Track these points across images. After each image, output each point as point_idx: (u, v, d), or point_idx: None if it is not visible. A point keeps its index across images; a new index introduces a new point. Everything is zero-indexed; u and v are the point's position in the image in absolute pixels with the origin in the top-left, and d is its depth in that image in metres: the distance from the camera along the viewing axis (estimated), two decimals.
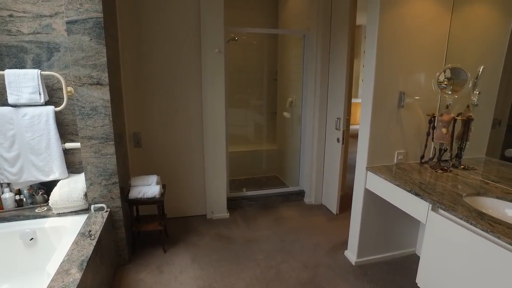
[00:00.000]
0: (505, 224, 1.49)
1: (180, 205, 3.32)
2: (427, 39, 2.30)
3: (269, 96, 4.65)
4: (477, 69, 2.22)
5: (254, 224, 3.24)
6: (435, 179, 2.13)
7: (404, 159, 2.44)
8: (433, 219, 1.80)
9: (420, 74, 2.34)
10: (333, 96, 3.31)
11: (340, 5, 3.12)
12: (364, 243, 2.56)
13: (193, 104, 3.13)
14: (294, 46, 3.91)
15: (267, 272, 2.47)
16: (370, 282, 2.37)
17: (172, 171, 3.20)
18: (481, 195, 1.89)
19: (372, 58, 2.22)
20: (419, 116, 2.41)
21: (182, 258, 2.63)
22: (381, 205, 2.47)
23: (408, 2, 2.19)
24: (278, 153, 4.54)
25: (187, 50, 3.00)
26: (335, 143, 3.31)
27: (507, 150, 2.35)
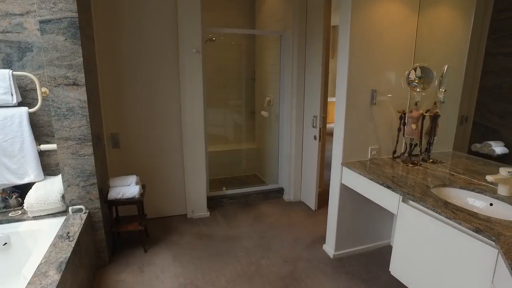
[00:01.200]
0: (466, 211, 1.61)
1: (160, 205, 3.31)
2: (397, 40, 2.41)
3: (248, 96, 4.70)
4: (442, 68, 2.36)
5: (234, 222, 3.28)
6: (406, 173, 2.24)
7: (377, 154, 2.55)
8: (403, 210, 1.91)
9: (390, 72, 2.45)
10: (310, 95, 3.40)
11: (314, 6, 3.20)
12: (341, 237, 2.65)
13: (171, 104, 3.13)
14: (271, 46, 3.98)
15: (248, 268, 2.52)
16: (347, 274, 2.46)
17: (152, 171, 3.19)
18: (447, 186, 2.01)
19: (345, 57, 2.31)
20: (390, 113, 2.52)
21: (163, 257, 2.64)
22: (357, 200, 2.57)
23: (377, 4, 2.29)
24: (257, 152, 4.60)
25: (165, 50, 3.00)
26: (312, 141, 3.39)
27: (473, 145, 2.51)
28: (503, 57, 2.30)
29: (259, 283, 2.34)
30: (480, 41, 2.43)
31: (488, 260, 1.39)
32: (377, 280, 2.40)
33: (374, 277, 2.43)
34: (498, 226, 1.46)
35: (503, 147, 2.31)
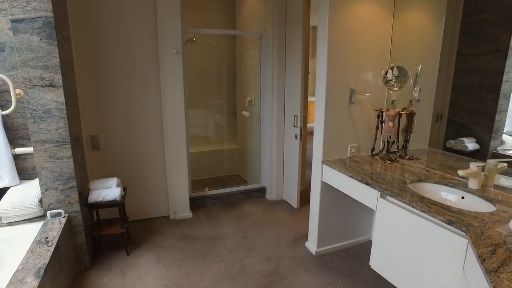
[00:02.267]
0: (439, 205, 1.68)
1: (142, 207, 3.28)
2: (373, 40, 2.48)
3: (229, 96, 4.71)
4: (417, 67, 2.44)
5: (217, 222, 3.28)
6: (384, 169, 2.31)
7: (356, 152, 2.62)
8: (382, 205, 1.97)
9: (368, 72, 2.52)
10: (290, 95, 3.45)
11: (294, 7, 3.25)
12: (323, 234, 2.70)
13: (152, 105, 3.10)
14: (251, 46, 4.00)
15: (231, 267, 2.53)
16: (329, 270, 2.52)
17: (133, 173, 3.16)
18: (422, 181, 2.09)
19: (323, 57, 2.36)
20: (368, 112, 2.59)
21: (146, 260, 2.62)
22: (338, 197, 2.62)
23: (354, 6, 2.35)
24: (239, 151, 4.62)
25: (144, 50, 2.97)
26: (293, 140, 3.44)
27: (447, 141, 2.60)
28: (473, 58, 2.41)
29: (243, 282, 2.35)
30: (452, 42, 2.54)
31: (459, 249, 1.46)
32: (359, 274, 2.46)
33: (355, 272, 2.49)
34: (469, 217, 1.53)
35: (475, 143, 2.41)
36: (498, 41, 2.23)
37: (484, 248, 1.26)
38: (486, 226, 1.45)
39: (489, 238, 1.34)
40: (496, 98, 2.27)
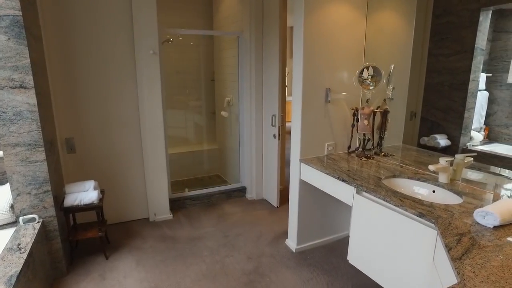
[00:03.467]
0: (411, 199, 1.75)
1: (121, 210, 3.23)
2: (348, 41, 2.54)
3: (208, 97, 4.70)
4: (389, 67, 2.53)
5: (198, 222, 3.27)
6: (360, 166, 2.37)
7: (333, 150, 2.67)
8: (358, 201, 2.02)
9: (343, 72, 2.58)
10: (268, 94, 3.48)
11: (270, 8, 3.28)
12: (302, 231, 2.74)
13: (129, 106, 3.06)
14: (229, 46, 4.01)
15: (212, 267, 2.54)
16: (309, 266, 2.56)
17: (111, 175, 3.10)
18: (396, 177, 2.16)
19: (299, 58, 2.40)
20: (344, 110, 2.65)
21: (126, 263, 2.58)
22: (316, 194, 2.67)
23: (329, 7, 2.40)
24: (219, 152, 4.61)
25: (120, 51, 2.93)
26: (272, 139, 3.47)
27: (421, 138, 2.70)
28: (443, 58, 2.51)
29: (225, 281, 2.36)
30: (424, 43, 2.64)
31: (429, 240, 1.52)
32: (338, 269, 2.52)
33: (334, 267, 2.54)
34: (438, 210, 1.60)
35: (447, 139, 2.52)
36: (465, 42, 2.34)
37: (451, 238, 1.32)
38: (453, 217, 1.52)
39: (455, 228, 1.41)
40: (465, 97, 2.38)
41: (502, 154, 2.23)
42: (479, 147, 2.37)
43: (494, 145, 2.35)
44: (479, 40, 2.29)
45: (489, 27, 2.31)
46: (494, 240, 1.31)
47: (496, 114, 2.38)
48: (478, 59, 2.32)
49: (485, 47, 2.34)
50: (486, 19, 2.27)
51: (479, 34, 2.28)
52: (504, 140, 2.33)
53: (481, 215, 1.45)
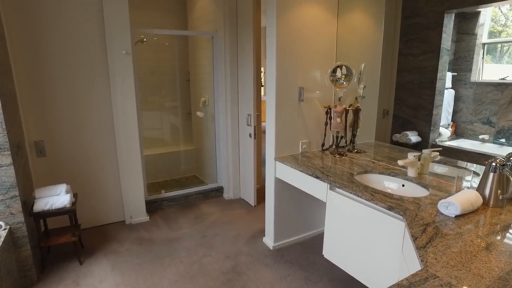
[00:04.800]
0: (382, 193, 1.81)
1: (96, 214, 3.15)
2: (320, 41, 2.60)
3: (183, 97, 4.66)
4: (360, 66, 2.60)
5: (175, 224, 3.25)
6: (334, 163, 2.43)
7: (308, 147, 2.72)
8: (331, 197, 2.08)
9: (315, 71, 2.64)
10: (243, 94, 3.50)
11: (244, 8, 3.30)
12: (279, 229, 2.78)
13: (102, 107, 2.99)
14: (204, 47, 4.00)
15: (190, 267, 2.53)
16: (286, 263, 2.60)
17: (84, 178, 3.03)
18: (368, 173, 2.23)
19: (272, 57, 2.44)
20: (317, 109, 2.71)
21: (101, 267, 2.53)
22: (292, 192, 2.72)
23: (301, 8, 2.45)
24: (196, 152, 4.59)
25: (91, 51, 2.86)
26: (248, 139, 3.50)
27: (394, 135, 2.80)
28: (412, 57, 2.61)
29: (202, 281, 2.36)
30: (394, 43, 2.73)
31: (398, 232, 1.59)
32: (314, 265, 2.57)
33: (311, 263, 2.59)
34: (407, 203, 1.67)
35: (417, 136, 2.62)
36: (432, 43, 2.45)
37: (417, 228, 1.39)
38: (420, 209, 1.59)
39: (421, 219, 1.47)
40: (433, 94, 2.49)
41: (467, 149, 2.35)
42: (447, 143, 2.48)
43: (461, 140, 2.47)
44: (445, 41, 2.40)
45: (453, 29, 2.42)
46: (455, 228, 1.38)
47: (462, 111, 2.49)
48: (444, 59, 2.43)
49: (450, 48, 2.46)
50: (450, 21, 2.38)
51: (444, 35, 2.39)
52: (469, 135, 2.45)
53: (444, 205, 1.53)
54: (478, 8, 2.36)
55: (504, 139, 2.26)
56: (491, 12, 2.45)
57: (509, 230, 1.38)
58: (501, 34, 2.55)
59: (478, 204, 1.56)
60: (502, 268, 1.10)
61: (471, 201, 1.53)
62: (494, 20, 2.60)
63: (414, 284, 1.03)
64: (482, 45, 2.45)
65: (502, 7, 2.53)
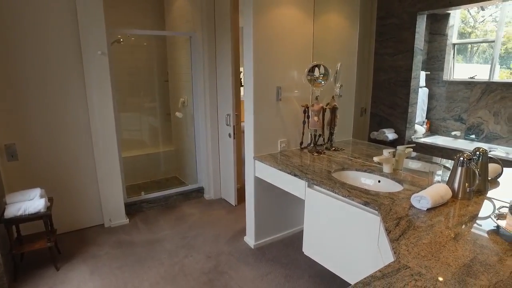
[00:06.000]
0: (359, 189, 1.86)
1: (73, 218, 3.08)
2: (296, 41, 2.63)
3: (162, 98, 4.61)
4: (336, 66, 2.65)
5: (155, 225, 3.22)
6: (312, 161, 2.47)
7: (286, 146, 2.76)
8: (309, 194, 2.11)
9: (293, 70, 2.67)
10: (222, 94, 3.50)
11: (222, 8, 3.31)
12: (260, 227, 2.80)
13: (77, 109, 2.93)
14: (182, 47, 3.97)
15: (171, 269, 2.51)
16: (268, 261, 2.62)
17: (60, 182, 2.95)
18: (345, 170, 2.28)
19: (249, 57, 2.45)
20: (295, 108, 2.75)
21: (79, 273, 2.48)
22: (272, 190, 2.74)
23: (277, 9, 2.47)
24: (176, 153, 4.55)
25: (65, 51, 2.79)
26: (227, 139, 3.50)
27: (371, 133, 2.86)
28: (388, 57, 2.69)
29: (183, 282, 2.35)
30: (370, 43, 2.80)
31: (374, 226, 1.64)
32: (295, 262, 2.60)
33: (292, 260, 2.62)
34: (382, 198, 1.72)
35: (394, 133, 2.69)
36: (406, 43, 2.53)
37: (391, 222, 1.43)
38: (394, 203, 1.64)
39: (395, 213, 1.52)
40: (408, 93, 2.57)
41: (441, 145, 2.44)
42: (422, 139, 2.57)
43: (435, 137, 2.56)
44: (418, 41, 2.48)
45: (426, 30, 2.51)
46: (427, 221, 1.44)
47: (435, 108, 2.58)
48: (417, 58, 2.51)
49: (423, 48, 2.55)
50: (422, 22, 2.47)
51: (417, 35, 2.47)
52: (442, 132, 2.54)
53: (417, 199, 1.59)
54: (447, 10, 2.45)
55: (474, 135, 2.36)
56: (459, 14, 2.56)
57: (475, 220, 1.45)
58: (471, 35, 2.67)
59: (448, 197, 1.63)
60: (467, 256, 1.16)
61: (441, 194, 1.59)
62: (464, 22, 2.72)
63: (387, 275, 1.07)
64: (452, 46, 2.55)
65: (471, 10, 2.65)
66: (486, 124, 2.30)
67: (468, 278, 1.04)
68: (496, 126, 2.26)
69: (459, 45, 2.61)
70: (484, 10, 2.65)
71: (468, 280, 1.03)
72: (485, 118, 2.30)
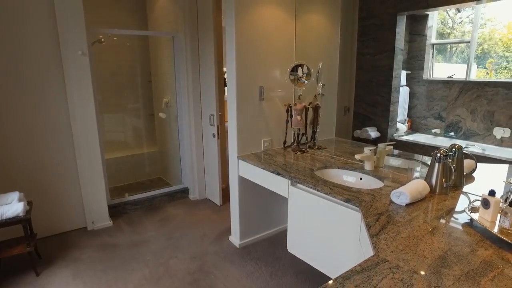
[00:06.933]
0: (340, 187, 1.89)
1: (55, 221, 3.02)
2: (279, 41, 2.65)
3: (145, 98, 4.57)
4: (318, 65, 2.69)
5: (140, 227, 3.18)
6: (295, 160, 2.49)
7: (270, 145, 2.77)
8: (293, 192, 2.13)
9: (275, 70, 2.69)
10: (206, 94, 3.49)
11: (204, 8, 3.30)
12: (245, 226, 2.81)
13: (58, 111, 2.87)
14: (165, 47, 3.95)
15: (156, 270, 2.50)
16: (253, 260, 2.63)
17: (40, 185, 2.89)
18: (328, 168, 2.32)
19: (232, 57, 2.46)
20: (278, 107, 2.77)
21: (61, 277, 2.43)
22: (256, 189, 2.75)
23: (259, 8, 2.49)
24: (160, 154, 4.52)
25: (43, 50, 2.73)
26: (211, 139, 3.50)
27: (355, 131, 2.91)
28: (370, 57, 2.74)
29: (168, 283, 2.34)
30: (352, 43, 2.85)
31: (355, 222, 1.67)
32: (280, 260, 2.62)
33: (276, 258, 2.64)
34: (363, 195, 1.76)
35: (377, 131, 2.74)
36: (387, 43, 2.58)
37: (371, 218, 1.47)
38: (375, 199, 1.68)
39: (375, 209, 1.56)
40: (389, 92, 2.62)
41: (422, 143, 2.50)
42: (404, 137, 2.63)
43: (416, 135, 2.62)
44: (398, 41, 2.54)
45: (406, 30, 2.57)
46: (406, 216, 1.48)
47: (416, 107, 2.65)
48: (398, 58, 2.57)
49: (404, 47, 2.61)
50: (402, 23, 2.53)
51: (398, 36, 2.53)
52: (423, 130, 2.60)
53: (396, 195, 1.63)
54: (425, 12, 2.52)
55: (452, 133, 2.43)
56: (437, 15, 2.63)
57: (451, 214, 1.50)
58: (450, 36, 2.75)
59: (426, 192, 1.68)
60: (442, 248, 1.20)
61: (420, 189, 1.64)
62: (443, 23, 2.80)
63: (366, 269, 1.09)
64: (431, 46, 2.62)
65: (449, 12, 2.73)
66: (464, 121, 2.38)
67: (442, 269, 1.08)
68: (473, 124, 2.34)
69: (438, 45, 2.68)
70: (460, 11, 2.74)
71: (443, 270, 1.07)
72: (463, 116, 2.37)
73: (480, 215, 1.37)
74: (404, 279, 1.03)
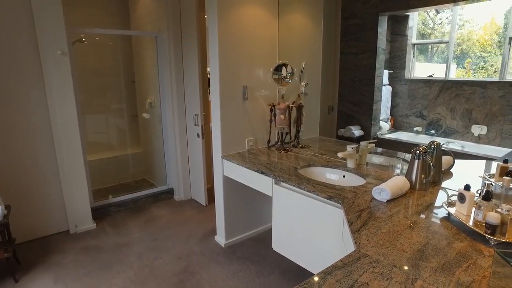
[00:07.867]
0: (323, 184, 1.91)
1: (35, 225, 2.94)
2: (262, 40, 2.66)
3: (129, 99, 4.50)
4: (301, 64, 2.71)
5: (124, 229, 3.14)
6: (279, 159, 2.51)
7: (254, 145, 2.78)
8: (276, 191, 2.14)
9: (259, 70, 2.70)
10: (190, 94, 3.47)
11: (187, 7, 3.28)
12: (230, 226, 2.81)
13: (37, 112, 2.80)
14: (148, 47, 3.90)
15: (141, 272, 2.47)
16: (239, 259, 2.64)
17: (19, 188, 2.81)
18: (311, 166, 2.34)
19: (215, 56, 2.46)
20: (262, 106, 2.78)
21: (42, 282, 2.38)
22: (240, 189, 2.76)
23: (242, 8, 2.49)
24: (144, 155, 4.47)
25: (20, 50, 2.65)
26: (196, 139, 3.48)
27: (339, 130, 2.95)
28: (353, 56, 2.78)
29: (154, 284, 2.32)
30: (336, 43, 2.88)
31: (338, 219, 1.70)
32: (265, 259, 2.63)
33: (262, 257, 2.65)
34: (346, 192, 1.78)
35: (360, 130, 2.79)
36: (369, 43, 2.62)
37: (353, 214, 1.49)
38: (357, 196, 1.71)
39: (357, 206, 1.59)
40: (372, 91, 2.67)
41: (404, 140, 2.56)
42: (387, 135, 2.68)
43: (399, 133, 2.67)
44: (380, 41, 2.59)
45: (388, 30, 2.62)
46: (386, 211, 1.51)
47: (398, 105, 2.70)
48: (380, 58, 2.62)
49: (386, 47, 2.66)
50: (383, 23, 2.58)
51: (380, 36, 2.58)
52: (406, 128, 2.66)
53: (377, 192, 1.66)
54: (406, 12, 2.57)
55: (433, 131, 2.49)
56: (417, 16, 2.70)
57: (430, 209, 1.54)
58: (431, 36, 2.82)
59: (406, 188, 1.71)
60: (420, 242, 1.23)
61: (400, 186, 1.68)
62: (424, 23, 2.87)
63: (347, 264, 1.11)
64: (412, 46, 2.68)
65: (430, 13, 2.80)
66: (444, 119, 2.44)
67: (420, 262, 1.11)
68: (453, 122, 2.40)
69: (420, 45, 2.75)
70: (439, 13, 2.82)
71: (420, 263, 1.10)
72: (443, 114, 2.44)
73: (457, 209, 1.41)
74: (384, 273, 1.05)
